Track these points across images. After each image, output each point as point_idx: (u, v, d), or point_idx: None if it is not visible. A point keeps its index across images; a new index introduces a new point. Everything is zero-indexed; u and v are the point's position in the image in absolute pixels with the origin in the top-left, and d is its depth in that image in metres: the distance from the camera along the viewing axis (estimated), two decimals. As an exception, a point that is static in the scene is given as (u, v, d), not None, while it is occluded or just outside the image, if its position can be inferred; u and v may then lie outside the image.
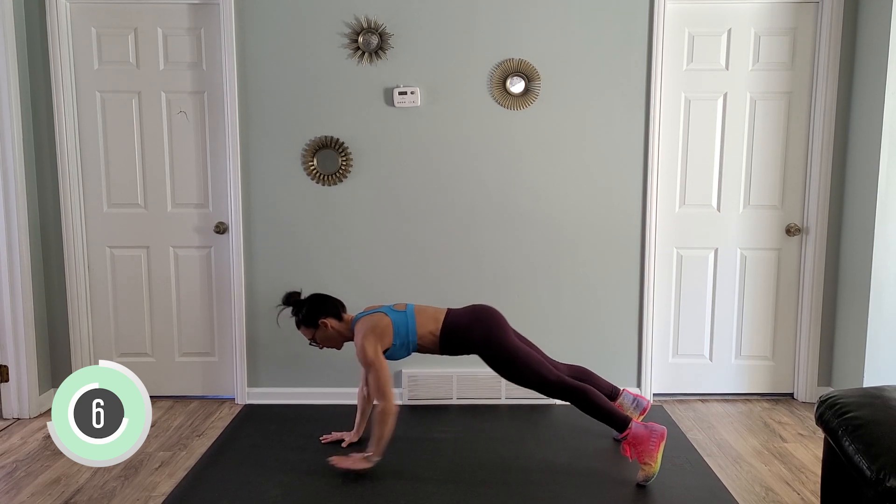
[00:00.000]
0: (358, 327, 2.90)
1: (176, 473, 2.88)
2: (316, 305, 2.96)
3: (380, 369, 2.81)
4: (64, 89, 3.49)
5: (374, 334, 2.84)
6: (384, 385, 2.80)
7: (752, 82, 3.59)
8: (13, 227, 3.38)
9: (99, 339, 3.72)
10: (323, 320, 2.93)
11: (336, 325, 2.96)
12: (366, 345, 2.82)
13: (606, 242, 3.61)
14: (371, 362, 2.81)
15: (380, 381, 2.80)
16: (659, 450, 2.69)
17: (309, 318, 2.94)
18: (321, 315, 2.94)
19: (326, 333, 2.95)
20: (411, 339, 2.90)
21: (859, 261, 3.45)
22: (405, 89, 3.48)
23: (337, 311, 2.98)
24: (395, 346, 2.90)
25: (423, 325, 2.91)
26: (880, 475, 1.69)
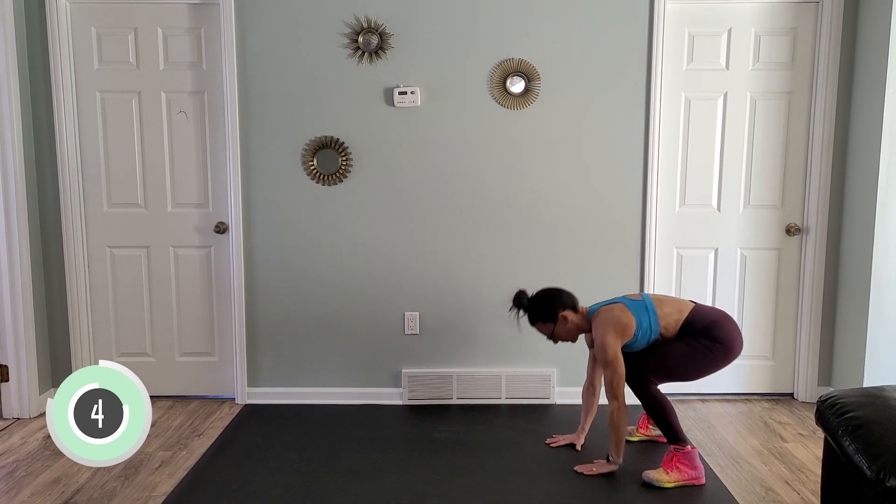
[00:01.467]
0: (599, 320, 2.80)
1: (176, 473, 2.88)
2: (552, 300, 2.89)
3: (618, 368, 2.72)
4: (64, 89, 3.49)
5: (617, 330, 2.75)
6: (620, 384, 2.72)
7: (753, 82, 3.59)
8: (13, 227, 3.38)
9: (99, 339, 3.72)
10: (563, 313, 2.86)
11: (574, 318, 2.87)
12: (609, 341, 2.73)
13: (606, 242, 3.61)
14: (611, 361, 2.72)
15: (616, 381, 2.72)
16: (684, 481, 2.71)
17: (548, 312, 2.87)
18: (560, 308, 2.87)
19: (566, 327, 2.88)
20: (654, 331, 2.79)
21: (859, 261, 3.45)
22: (405, 89, 3.48)
23: (573, 304, 2.90)
24: (636, 339, 2.79)
25: (665, 316, 2.80)
26: (880, 475, 1.69)
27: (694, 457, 2.74)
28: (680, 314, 2.81)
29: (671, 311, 2.82)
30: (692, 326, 2.79)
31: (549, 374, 3.64)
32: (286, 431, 3.30)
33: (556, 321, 2.87)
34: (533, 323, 2.93)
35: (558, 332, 2.90)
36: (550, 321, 2.89)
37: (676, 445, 2.75)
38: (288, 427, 3.35)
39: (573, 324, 2.89)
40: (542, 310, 2.89)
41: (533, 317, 2.92)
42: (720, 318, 2.82)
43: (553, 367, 3.66)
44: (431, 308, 3.65)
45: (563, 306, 2.88)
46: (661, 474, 2.72)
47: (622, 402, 2.73)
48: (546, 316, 2.89)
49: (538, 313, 2.90)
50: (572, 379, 3.65)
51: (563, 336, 2.92)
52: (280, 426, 3.37)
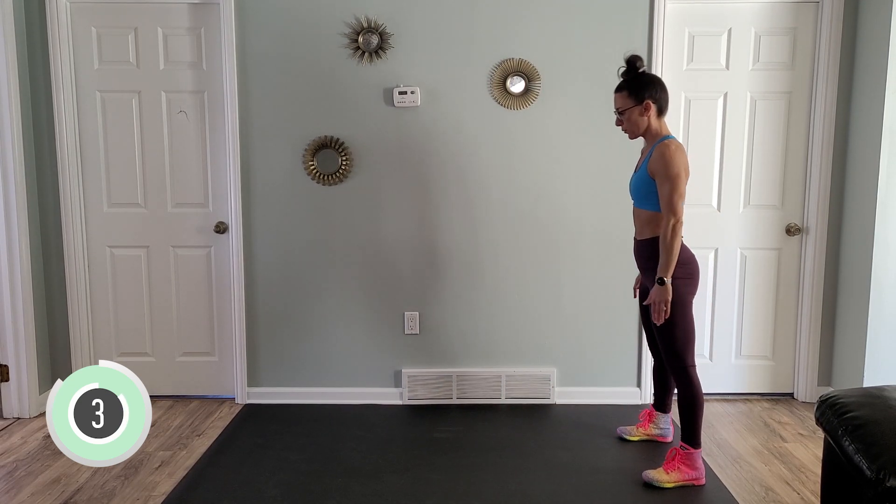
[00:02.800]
0: (670, 142, 2.64)
1: (176, 473, 2.88)
2: (653, 85, 2.70)
3: (679, 184, 2.58)
4: (64, 89, 3.49)
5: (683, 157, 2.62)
6: (678, 202, 2.59)
7: (753, 82, 3.59)
8: (13, 227, 3.38)
9: (99, 338, 3.72)
10: (649, 101, 2.68)
11: (653, 117, 2.71)
12: (676, 157, 2.59)
13: (606, 242, 3.60)
14: (674, 176, 2.58)
15: (675, 198, 2.58)
16: (684, 481, 2.72)
17: (640, 89, 2.69)
18: (652, 95, 2.69)
19: (638, 117, 2.71)
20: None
21: (859, 260, 3.45)
22: (405, 89, 3.48)
23: (663, 106, 2.73)
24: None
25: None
26: (880, 475, 1.69)
27: (696, 458, 2.74)
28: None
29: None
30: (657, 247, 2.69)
31: (549, 374, 3.64)
32: (286, 431, 3.30)
33: (640, 104, 2.70)
34: (619, 90, 2.76)
35: (631, 114, 2.73)
36: (635, 98, 2.71)
37: (686, 444, 2.74)
38: (288, 427, 3.36)
39: (647, 121, 2.72)
40: (637, 85, 2.71)
41: (625, 83, 2.74)
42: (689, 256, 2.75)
43: (553, 367, 3.66)
44: (431, 308, 3.65)
45: (654, 98, 2.69)
46: (661, 474, 2.73)
47: (680, 219, 2.60)
48: (638, 91, 2.70)
49: (634, 84, 2.72)
50: (572, 379, 3.65)
51: (630, 122, 2.75)
52: (280, 426, 3.37)
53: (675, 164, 2.60)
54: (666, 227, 2.61)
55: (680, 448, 2.75)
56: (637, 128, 2.76)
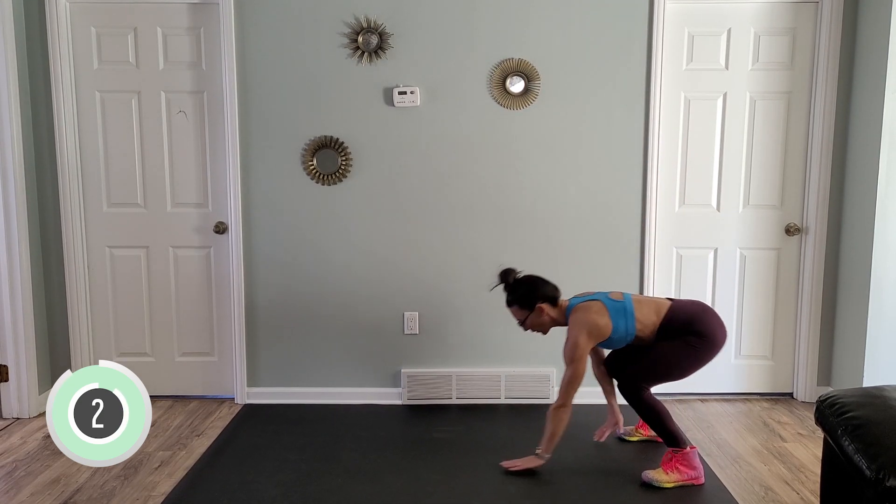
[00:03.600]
0: (575, 317, 2.77)
1: (175, 473, 2.88)
2: (536, 288, 2.84)
3: (578, 369, 2.71)
4: (64, 89, 3.49)
5: (592, 333, 2.73)
6: (573, 386, 2.72)
7: (752, 82, 3.59)
8: (13, 227, 3.38)
9: (99, 339, 3.72)
10: (540, 305, 2.82)
11: (551, 312, 2.83)
12: (580, 342, 2.71)
13: (606, 242, 3.61)
14: (575, 361, 2.70)
15: (572, 381, 2.71)
16: (683, 481, 2.72)
17: (526, 299, 2.83)
18: (539, 299, 2.82)
19: (540, 319, 2.84)
20: (630, 332, 2.76)
21: (859, 260, 3.46)
22: (405, 89, 3.48)
23: (554, 298, 2.85)
24: (612, 340, 2.78)
25: (643, 318, 2.76)
26: (880, 475, 1.69)
27: (693, 457, 2.74)
28: (658, 316, 2.78)
29: (648, 314, 2.78)
30: (671, 325, 2.76)
31: (548, 374, 3.65)
32: (286, 431, 3.30)
33: (532, 311, 2.85)
34: (509, 305, 2.90)
35: (531, 321, 2.87)
36: (526, 309, 2.85)
37: (675, 448, 2.75)
38: (288, 427, 3.35)
39: (548, 317, 2.85)
40: (522, 296, 2.85)
41: (511, 299, 2.88)
42: (698, 311, 2.80)
43: (552, 367, 3.66)
44: (431, 308, 3.65)
45: (542, 298, 2.84)
46: (660, 474, 2.73)
47: (568, 406, 2.75)
48: (523, 302, 2.85)
49: (517, 297, 2.86)
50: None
51: (534, 327, 2.90)
52: (280, 426, 3.37)
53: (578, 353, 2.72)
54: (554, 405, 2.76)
55: (671, 452, 2.76)
56: (545, 327, 2.90)
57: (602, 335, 2.75)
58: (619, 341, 2.80)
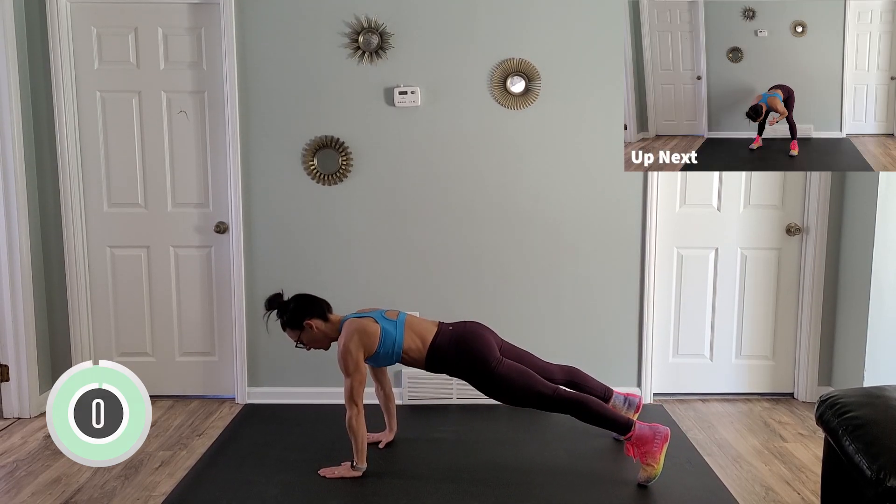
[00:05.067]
0: (344, 330, 2.82)
1: (176, 473, 2.88)
2: (300, 307, 2.87)
3: (354, 379, 2.75)
4: (64, 89, 3.49)
5: (357, 340, 2.77)
6: (356, 395, 2.76)
7: (753, 82, 3.59)
8: (13, 227, 3.38)
9: (99, 339, 3.72)
10: (308, 322, 2.84)
11: (322, 327, 2.87)
12: (348, 349, 2.76)
13: (606, 242, 3.60)
14: (351, 371, 2.76)
15: (353, 391, 2.75)
16: (662, 451, 2.68)
17: (293, 319, 2.86)
18: (306, 316, 2.85)
19: (312, 335, 2.87)
20: (396, 350, 2.83)
21: (860, 260, 3.45)
22: (405, 89, 3.48)
23: (322, 312, 2.89)
24: (379, 354, 2.83)
25: (410, 339, 2.83)
26: (880, 475, 1.69)
27: (641, 428, 2.70)
28: (424, 341, 2.84)
29: (415, 338, 2.84)
30: (439, 348, 2.83)
31: (549, 374, 3.64)
32: (286, 431, 3.30)
33: (303, 329, 2.87)
34: (283, 328, 2.91)
35: (305, 338, 2.88)
36: (297, 328, 2.87)
37: (625, 435, 2.72)
38: (288, 427, 3.35)
39: (320, 332, 2.87)
40: (290, 317, 2.87)
41: (282, 323, 2.90)
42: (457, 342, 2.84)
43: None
44: (431, 308, 3.64)
45: (310, 315, 2.85)
46: (646, 469, 2.68)
47: (360, 409, 2.76)
48: (292, 323, 2.87)
49: (285, 320, 2.88)
50: (572, 379, 3.64)
51: (311, 343, 2.90)
52: (280, 426, 3.37)
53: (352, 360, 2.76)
54: (348, 417, 2.77)
55: (624, 440, 2.73)
56: (320, 342, 2.91)
57: (369, 344, 2.79)
58: (385, 355, 2.84)
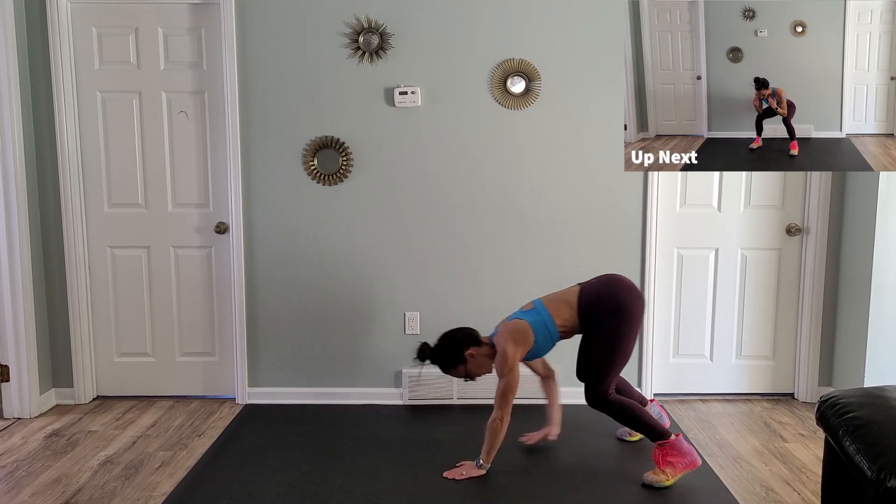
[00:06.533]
0: (498, 338, 2.82)
1: (176, 473, 2.88)
2: (453, 344, 2.87)
3: (511, 380, 2.75)
4: (65, 89, 3.49)
5: (515, 340, 2.77)
6: (509, 396, 2.76)
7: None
8: (13, 227, 3.38)
9: (100, 339, 3.72)
10: (468, 352, 2.85)
11: (480, 351, 2.86)
12: (509, 350, 2.75)
13: (607, 242, 3.60)
14: (506, 372, 2.74)
15: (507, 392, 2.75)
16: (682, 472, 2.71)
17: (453, 358, 2.86)
18: (463, 349, 2.85)
19: (476, 363, 2.86)
20: (552, 331, 2.81)
21: (860, 261, 3.45)
22: (405, 89, 3.48)
23: (475, 339, 2.89)
24: (539, 344, 2.81)
25: (558, 312, 2.82)
26: (881, 475, 1.69)
27: (680, 444, 2.73)
28: (571, 307, 2.82)
29: (563, 307, 2.83)
30: (586, 310, 2.80)
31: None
32: (286, 431, 3.30)
33: (466, 361, 2.86)
34: (445, 371, 2.91)
35: (471, 370, 2.88)
36: (460, 364, 2.87)
37: (660, 441, 2.74)
38: (288, 427, 3.35)
39: (482, 356, 2.87)
40: (448, 356, 2.87)
41: (442, 366, 2.89)
42: (603, 287, 2.84)
43: (554, 366, 3.65)
44: (432, 308, 3.65)
45: (465, 346, 2.86)
46: (658, 475, 2.72)
47: (506, 416, 2.77)
48: (455, 360, 2.87)
49: (445, 362, 2.88)
50: (573, 379, 3.63)
51: (477, 371, 2.90)
52: (280, 426, 3.37)
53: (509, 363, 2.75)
54: (493, 418, 2.78)
55: (657, 446, 2.75)
56: (485, 367, 2.90)
57: (527, 340, 2.79)
58: (544, 342, 2.83)
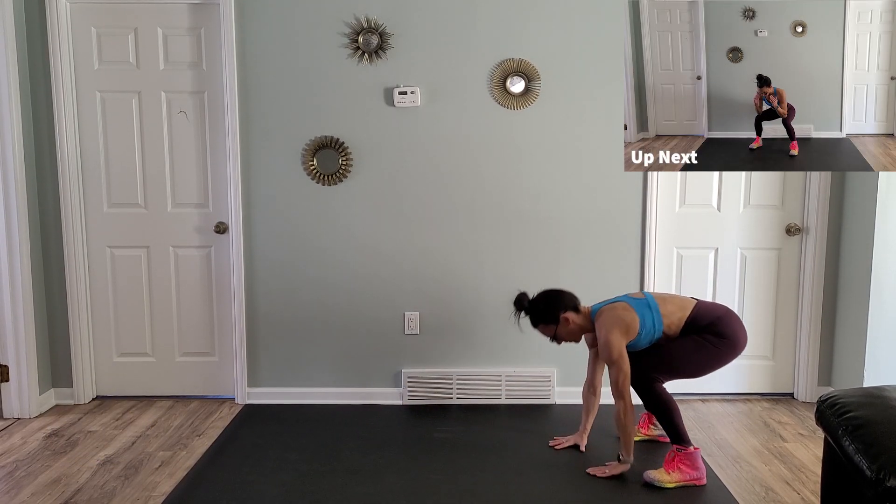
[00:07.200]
0: (602, 319, 2.79)
1: (176, 473, 2.88)
2: (554, 301, 2.86)
3: (622, 366, 2.71)
4: (64, 89, 3.49)
5: (620, 329, 2.73)
6: (626, 384, 2.72)
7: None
8: (13, 227, 3.38)
9: (99, 339, 3.72)
10: (564, 315, 2.84)
11: (576, 319, 2.85)
12: (612, 340, 2.72)
13: (607, 242, 3.60)
14: (616, 360, 2.71)
15: (622, 380, 2.71)
16: (685, 481, 2.72)
17: (550, 314, 2.85)
18: (561, 310, 2.84)
19: (568, 328, 2.86)
20: (657, 329, 2.78)
21: (859, 260, 3.45)
22: (405, 89, 3.48)
23: (575, 305, 2.88)
24: (641, 337, 2.78)
25: (669, 314, 2.79)
26: (880, 475, 1.69)
27: (696, 457, 2.74)
28: (683, 312, 2.81)
29: (674, 310, 2.81)
30: (696, 323, 2.79)
31: (549, 374, 3.65)
32: (286, 431, 3.30)
33: (559, 323, 2.86)
34: (535, 325, 2.92)
35: (560, 333, 2.89)
36: (552, 323, 2.87)
37: (679, 445, 2.75)
38: (288, 427, 3.35)
39: (575, 325, 2.87)
40: (544, 312, 2.88)
41: (535, 319, 2.90)
42: (724, 314, 2.83)
43: (553, 366, 3.66)
44: (431, 308, 3.65)
45: (564, 308, 2.86)
46: (662, 474, 2.72)
47: (629, 402, 2.72)
48: (548, 318, 2.87)
49: (540, 316, 2.89)
50: (572, 379, 3.65)
51: (566, 337, 2.91)
52: (280, 426, 3.37)
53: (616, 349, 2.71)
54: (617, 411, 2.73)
55: (675, 450, 2.76)
56: (574, 335, 2.92)
57: (631, 330, 2.75)
58: (646, 337, 2.79)
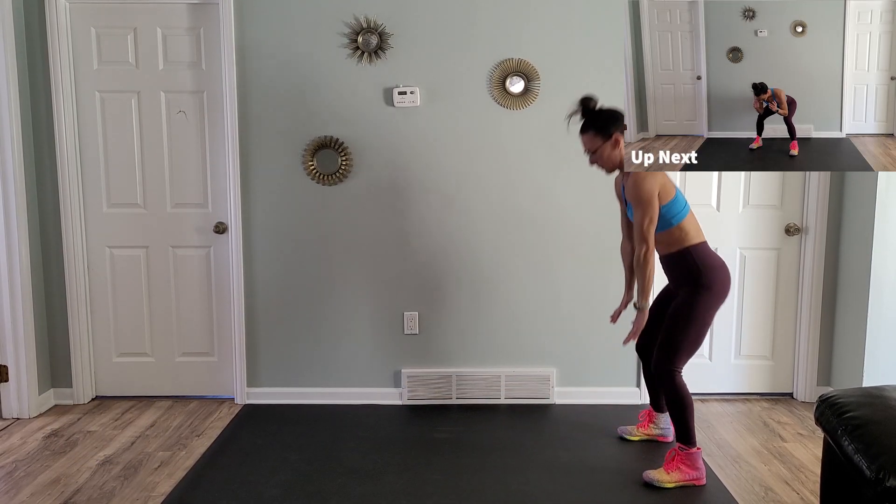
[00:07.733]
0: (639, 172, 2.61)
1: (175, 473, 2.88)
2: (618, 118, 2.69)
3: (648, 212, 2.61)
4: (63, 89, 3.49)
5: (657, 178, 2.62)
6: (651, 228, 2.63)
7: (752, 82, 3.59)
8: (13, 228, 3.38)
9: (98, 339, 3.72)
10: (618, 135, 2.68)
11: (621, 147, 2.69)
12: (645, 179, 2.59)
13: (606, 242, 3.60)
14: (646, 201, 2.60)
15: (648, 224, 2.62)
16: (685, 481, 2.72)
17: (605, 126, 2.69)
18: (617, 128, 2.68)
19: (613, 151, 2.70)
20: (679, 217, 2.69)
21: (859, 260, 3.46)
22: (405, 89, 3.48)
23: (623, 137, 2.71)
24: (670, 206, 2.66)
25: (688, 222, 2.71)
26: (880, 475, 1.69)
27: (696, 458, 2.74)
28: (697, 234, 2.74)
29: (693, 227, 2.74)
30: (691, 255, 2.72)
31: (548, 374, 3.65)
32: (286, 431, 3.30)
33: (609, 139, 2.70)
34: (585, 131, 2.75)
35: (604, 151, 2.72)
36: (603, 137, 2.70)
37: (682, 444, 2.75)
38: (288, 427, 3.36)
39: (619, 151, 2.70)
40: (605, 121, 2.71)
41: (591, 124, 2.73)
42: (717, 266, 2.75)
43: (553, 367, 3.66)
44: (431, 308, 3.65)
45: (619, 129, 2.69)
46: (662, 474, 2.73)
47: (651, 246, 2.64)
48: (603, 129, 2.70)
49: (598, 123, 2.71)
50: (572, 379, 3.65)
51: (604, 159, 2.74)
52: (280, 426, 3.37)
53: (647, 188, 2.61)
54: (638, 254, 2.67)
55: (678, 449, 2.75)
56: (612, 163, 2.75)
57: (668, 188, 2.66)
58: (672, 210, 2.68)
